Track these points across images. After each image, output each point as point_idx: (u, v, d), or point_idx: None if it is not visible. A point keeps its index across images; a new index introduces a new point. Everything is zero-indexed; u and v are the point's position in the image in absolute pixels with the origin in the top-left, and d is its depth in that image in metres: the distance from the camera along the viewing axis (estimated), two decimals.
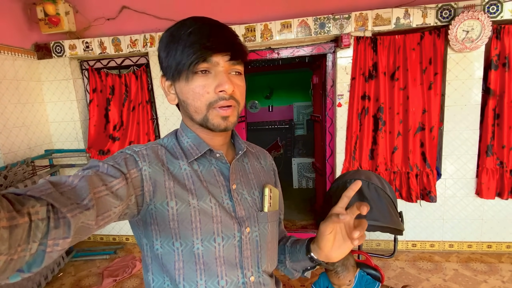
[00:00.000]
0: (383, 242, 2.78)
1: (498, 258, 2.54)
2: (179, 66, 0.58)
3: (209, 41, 0.56)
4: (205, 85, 0.58)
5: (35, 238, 0.36)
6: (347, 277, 1.42)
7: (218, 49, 0.57)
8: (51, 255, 0.38)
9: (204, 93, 0.59)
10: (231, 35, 0.60)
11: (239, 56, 0.60)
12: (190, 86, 0.59)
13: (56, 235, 0.38)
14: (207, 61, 0.57)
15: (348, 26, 2.41)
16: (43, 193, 0.39)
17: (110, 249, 3.00)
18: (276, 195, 0.72)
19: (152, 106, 2.93)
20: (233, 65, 0.60)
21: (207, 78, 0.58)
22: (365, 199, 1.50)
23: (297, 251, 0.74)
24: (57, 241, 0.38)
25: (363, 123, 2.55)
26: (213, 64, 0.58)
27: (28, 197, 0.38)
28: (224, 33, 0.59)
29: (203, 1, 2.61)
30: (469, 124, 2.44)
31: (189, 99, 0.60)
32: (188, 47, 0.56)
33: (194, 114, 0.62)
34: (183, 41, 0.57)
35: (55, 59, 2.83)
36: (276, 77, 5.58)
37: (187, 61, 0.56)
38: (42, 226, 0.37)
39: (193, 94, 0.59)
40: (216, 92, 0.58)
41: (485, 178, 2.45)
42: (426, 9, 2.30)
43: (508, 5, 2.21)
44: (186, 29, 0.57)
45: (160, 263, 0.61)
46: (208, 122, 0.61)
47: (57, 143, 3.02)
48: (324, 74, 2.74)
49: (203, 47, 0.56)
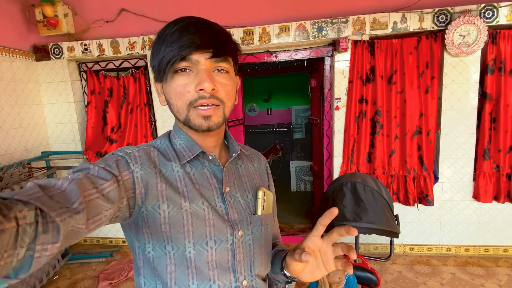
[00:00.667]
0: (380, 246, 2.78)
1: (495, 262, 2.54)
2: (160, 66, 0.57)
3: (188, 39, 0.54)
4: (186, 84, 0.57)
5: (23, 243, 0.35)
6: (337, 274, 1.42)
7: (197, 47, 0.54)
8: (39, 261, 0.37)
9: (185, 93, 0.57)
10: (215, 32, 0.57)
11: (222, 53, 0.57)
12: (172, 86, 0.58)
13: (44, 240, 0.37)
14: (186, 60, 0.56)
15: (346, 30, 2.43)
16: (31, 197, 0.38)
17: (106, 251, 2.98)
18: (270, 198, 0.72)
19: (150, 109, 2.93)
20: (216, 62, 0.58)
21: (188, 77, 0.57)
22: (361, 202, 1.50)
23: (275, 264, 0.72)
24: (45, 246, 0.37)
25: (360, 126, 2.56)
26: (194, 63, 0.56)
27: (15, 201, 0.37)
28: (207, 31, 0.56)
29: (202, 4, 2.62)
30: (466, 128, 2.45)
31: (172, 99, 0.60)
32: (168, 46, 0.55)
33: (177, 114, 0.61)
34: (166, 41, 0.56)
35: (53, 61, 2.83)
36: (274, 80, 5.60)
37: (165, 60, 0.56)
38: (30, 231, 0.36)
39: (175, 94, 0.58)
40: (197, 90, 0.57)
41: (482, 182, 2.46)
42: (423, 13, 2.32)
43: (503, 10, 2.23)
44: (170, 29, 0.57)
45: (151, 266, 0.60)
46: (190, 122, 0.60)
47: (54, 145, 3.01)
48: (322, 78, 2.74)
49: (182, 46, 0.54)
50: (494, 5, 2.23)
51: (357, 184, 1.57)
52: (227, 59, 0.59)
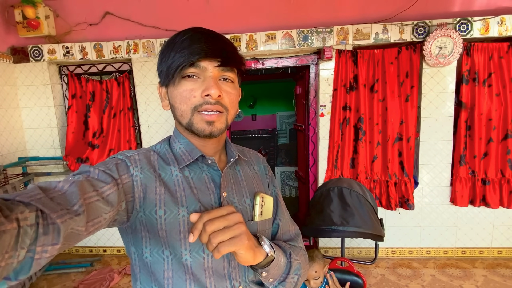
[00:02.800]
0: (364, 250, 2.84)
1: (472, 263, 2.65)
2: (169, 70, 0.59)
3: (199, 47, 0.57)
4: (192, 89, 0.59)
5: (23, 244, 0.35)
6: (314, 267, 1.44)
7: (207, 54, 0.57)
8: (39, 262, 0.37)
9: (190, 97, 0.59)
10: (224, 43, 0.60)
11: (230, 63, 0.60)
12: (178, 90, 0.60)
13: (45, 241, 0.37)
14: (195, 66, 0.58)
15: (330, 39, 2.50)
16: (32, 199, 0.38)
17: (86, 261, 2.87)
18: (269, 203, 0.71)
19: (134, 113, 2.88)
20: (223, 71, 0.60)
21: (195, 82, 0.59)
22: (348, 206, 1.53)
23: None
24: (46, 247, 0.37)
25: (344, 132, 2.62)
26: (202, 69, 0.58)
27: (17, 202, 0.37)
28: (216, 41, 0.59)
29: (189, 10, 2.63)
30: (444, 135, 2.57)
31: (177, 103, 0.61)
32: (178, 53, 0.57)
33: (180, 118, 0.62)
34: (176, 47, 0.58)
35: (32, 63, 2.73)
36: (259, 86, 5.64)
37: (175, 65, 0.57)
38: (31, 232, 0.36)
39: (180, 98, 0.60)
40: (202, 96, 0.58)
41: (458, 187, 2.57)
42: (403, 25, 2.43)
43: (477, 24, 2.38)
44: (181, 37, 0.59)
45: (149, 272, 0.60)
46: (193, 127, 0.61)
47: (32, 150, 2.89)
48: (307, 85, 2.80)
49: (192, 52, 0.56)
50: (468, 19, 2.37)
51: (344, 189, 1.61)
52: (233, 69, 0.62)
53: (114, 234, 3.02)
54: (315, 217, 1.56)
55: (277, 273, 0.64)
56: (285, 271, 0.66)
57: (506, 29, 2.36)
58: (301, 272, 0.69)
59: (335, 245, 2.82)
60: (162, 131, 2.81)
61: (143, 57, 2.67)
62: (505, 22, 2.36)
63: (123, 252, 3.04)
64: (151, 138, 2.82)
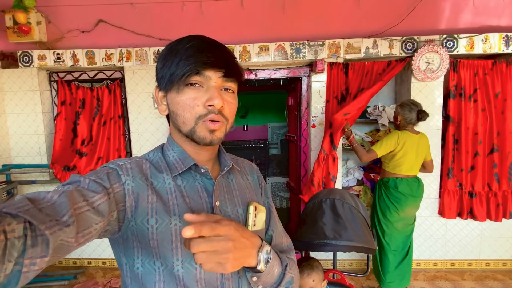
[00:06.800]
0: (355, 262, 2.82)
1: (461, 275, 2.66)
2: (173, 77, 0.59)
3: (204, 56, 0.57)
4: (195, 98, 0.59)
5: (11, 257, 0.34)
6: (312, 276, 1.42)
7: (212, 65, 0.58)
8: (27, 275, 0.36)
9: (194, 106, 0.59)
10: (227, 54, 0.62)
11: (233, 74, 0.61)
12: (181, 97, 0.60)
13: (33, 254, 0.36)
14: (199, 75, 0.58)
15: (322, 52, 2.55)
16: (20, 210, 0.37)
17: (70, 274, 2.77)
18: (262, 214, 0.70)
19: (125, 122, 2.84)
20: (225, 82, 0.61)
21: (198, 91, 0.59)
22: (340, 219, 1.53)
23: None
24: (34, 260, 0.36)
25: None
26: (206, 79, 0.59)
27: (4, 214, 0.36)
28: (221, 52, 0.60)
29: (184, 20, 2.64)
30: (432, 148, 2.60)
31: (179, 110, 0.61)
32: (184, 60, 0.57)
33: (182, 125, 0.62)
34: (180, 54, 0.58)
35: (21, 69, 2.68)
36: (251, 97, 5.67)
37: (180, 72, 0.57)
38: (19, 245, 0.35)
39: (183, 106, 0.60)
40: (206, 106, 0.59)
41: (446, 199, 2.61)
42: (392, 40, 2.50)
43: (462, 41, 2.47)
44: (184, 44, 0.59)
45: (140, 283, 0.58)
46: (195, 135, 0.61)
47: (16, 158, 2.80)
48: (299, 97, 2.83)
49: (198, 61, 0.57)
50: (454, 36, 2.46)
51: (336, 200, 1.61)
52: (234, 80, 0.63)
53: (100, 245, 2.92)
54: (307, 229, 1.55)
55: (268, 281, 0.63)
56: (277, 281, 0.64)
57: (490, 46, 2.46)
58: (292, 286, 0.67)
59: (326, 257, 2.80)
60: (153, 140, 2.77)
61: (135, 65, 2.66)
62: (489, 40, 2.45)
63: (108, 264, 2.94)
64: (142, 146, 2.79)
